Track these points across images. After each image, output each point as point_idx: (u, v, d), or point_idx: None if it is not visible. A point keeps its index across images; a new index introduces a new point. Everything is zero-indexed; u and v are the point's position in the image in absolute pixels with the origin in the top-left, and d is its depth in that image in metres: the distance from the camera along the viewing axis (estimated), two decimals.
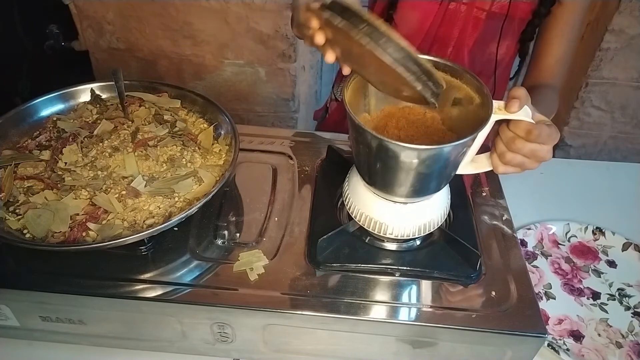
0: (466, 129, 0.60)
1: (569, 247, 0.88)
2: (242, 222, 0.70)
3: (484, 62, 0.91)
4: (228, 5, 1.22)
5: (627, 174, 1.04)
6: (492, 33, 0.86)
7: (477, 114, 0.58)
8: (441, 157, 0.55)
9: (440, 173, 0.59)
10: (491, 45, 0.88)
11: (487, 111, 0.55)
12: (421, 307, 0.61)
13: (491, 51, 0.89)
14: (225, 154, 0.73)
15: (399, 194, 0.60)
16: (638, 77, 1.26)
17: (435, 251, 0.66)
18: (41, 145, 0.71)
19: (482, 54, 0.89)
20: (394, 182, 0.58)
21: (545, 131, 0.55)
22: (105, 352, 0.68)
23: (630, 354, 0.71)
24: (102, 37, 1.31)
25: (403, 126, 0.63)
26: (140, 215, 0.62)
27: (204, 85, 1.39)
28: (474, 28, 0.85)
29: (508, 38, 0.87)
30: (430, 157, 0.54)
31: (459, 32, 0.86)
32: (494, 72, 0.91)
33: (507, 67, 0.94)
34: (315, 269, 0.63)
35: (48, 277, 0.62)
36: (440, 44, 0.88)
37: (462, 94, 0.61)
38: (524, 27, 0.86)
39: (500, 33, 0.85)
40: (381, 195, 0.62)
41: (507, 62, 0.93)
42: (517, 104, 0.54)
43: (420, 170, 0.55)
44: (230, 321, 0.61)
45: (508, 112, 0.55)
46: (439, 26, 0.86)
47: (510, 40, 0.88)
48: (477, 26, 0.85)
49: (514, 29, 0.86)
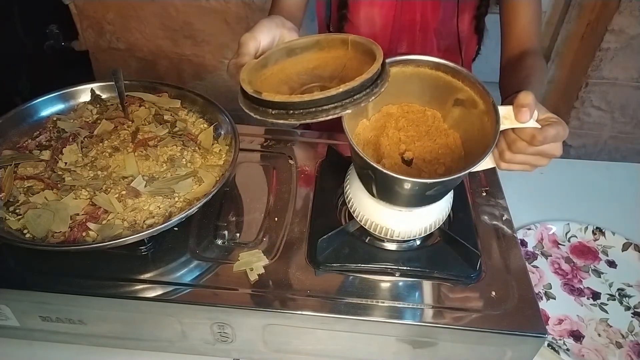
0: (470, 130, 0.59)
1: (569, 247, 0.88)
2: (242, 222, 0.70)
3: (449, 40, 0.91)
4: (228, 5, 1.22)
5: (627, 174, 1.04)
6: (452, 10, 0.87)
7: (481, 119, 0.57)
8: (447, 183, 0.55)
9: (447, 190, 0.59)
10: (453, 21, 0.89)
11: (493, 122, 0.54)
12: (421, 307, 0.61)
13: (454, 27, 0.89)
14: (225, 154, 0.73)
15: (402, 205, 0.60)
16: (638, 77, 1.26)
17: (435, 251, 0.66)
18: (41, 145, 0.71)
19: (447, 32, 0.90)
20: (397, 200, 0.58)
21: (550, 133, 0.53)
22: (105, 352, 0.68)
23: (630, 354, 0.71)
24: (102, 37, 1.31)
25: (403, 126, 0.62)
26: (140, 215, 0.62)
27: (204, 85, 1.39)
28: (433, 9, 0.87)
29: (467, 12, 0.88)
30: (437, 184, 0.54)
31: (420, 16, 0.87)
32: (460, 49, 0.92)
33: (470, 43, 0.94)
34: (315, 269, 0.63)
35: (48, 277, 0.62)
36: (408, 31, 0.89)
37: (464, 96, 0.59)
38: (478, 1, 0.86)
39: (457, 7, 0.86)
40: (385, 205, 0.62)
41: (470, 38, 0.93)
42: (528, 114, 0.52)
43: (426, 193, 0.55)
44: (230, 321, 0.61)
45: (518, 122, 0.53)
46: (402, 14, 0.87)
47: (469, 14, 0.89)
48: (435, 7, 0.86)
49: (471, 3, 0.87)
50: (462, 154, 0.61)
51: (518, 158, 0.57)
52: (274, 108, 0.48)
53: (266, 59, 0.55)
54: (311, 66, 0.57)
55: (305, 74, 0.57)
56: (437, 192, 0.56)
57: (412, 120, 0.63)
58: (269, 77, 0.56)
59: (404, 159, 0.61)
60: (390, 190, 0.57)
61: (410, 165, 0.61)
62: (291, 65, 0.57)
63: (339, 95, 0.47)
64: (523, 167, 0.58)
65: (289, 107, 0.47)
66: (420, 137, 0.62)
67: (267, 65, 0.56)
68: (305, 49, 0.58)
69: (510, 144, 0.56)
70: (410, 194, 0.56)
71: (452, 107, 0.62)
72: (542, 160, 0.57)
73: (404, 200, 0.59)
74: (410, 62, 0.60)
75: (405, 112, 0.64)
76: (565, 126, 0.55)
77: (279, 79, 0.56)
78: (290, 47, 0.57)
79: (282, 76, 0.56)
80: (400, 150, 0.62)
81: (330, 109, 0.47)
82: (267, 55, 0.55)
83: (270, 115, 0.48)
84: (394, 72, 0.59)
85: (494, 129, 0.53)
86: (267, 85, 0.53)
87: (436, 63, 0.60)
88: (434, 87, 0.61)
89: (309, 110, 0.47)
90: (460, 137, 0.61)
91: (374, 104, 0.63)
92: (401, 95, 0.63)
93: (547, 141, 0.53)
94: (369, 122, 0.63)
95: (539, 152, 0.55)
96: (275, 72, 0.56)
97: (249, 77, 0.51)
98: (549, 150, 0.55)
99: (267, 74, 0.56)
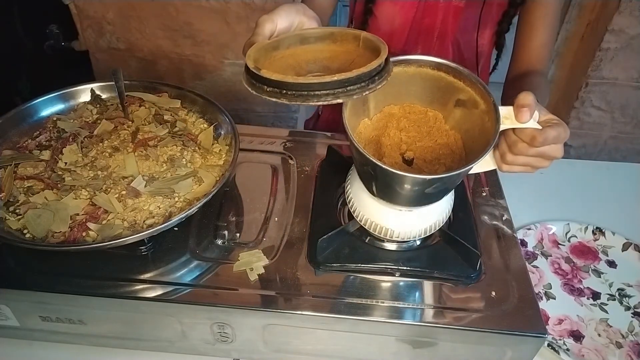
0: (471, 131, 0.59)
1: (569, 247, 0.88)
2: (242, 222, 0.70)
3: (467, 53, 0.91)
4: (228, 5, 1.22)
5: (627, 174, 1.04)
6: (473, 22, 0.87)
7: (482, 119, 0.57)
8: (447, 180, 0.55)
9: (447, 188, 0.59)
10: (473, 35, 0.88)
11: (493, 121, 0.54)
12: (421, 307, 0.61)
13: (474, 41, 0.89)
14: (225, 154, 0.73)
15: (403, 204, 0.60)
16: (638, 77, 1.26)
17: (435, 251, 0.66)
18: (41, 145, 0.71)
19: (465, 44, 0.90)
20: (397, 198, 0.58)
21: (551, 134, 0.53)
22: (105, 352, 0.68)
23: (630, 354, 0.71)
24: (102, 37, 1.31)
25: (404, 127, 0.62)
26: (140, 215, 0.62)
27: (204, 85, 1.39)
28: (454, 17, 0.86)
29: (488, 27, 0.88)
30: (436, 181, 0.54)
31: (440, 22, 0.87)
32: (477, 62, 0.91)
33: (488, 58, 0.94)
34: (315, 269, 0.63)
35: (48, 277, 0.62)
36: (425, 36, 0.89)
37: (465, 96, 0.60)
38: (500, 17, 0.86)
39: (479, 21, 0.86)
40: (385, 204, 0.62)
41: (488, 53, 0.93)
42: (528, 114, 0.52)
43: (425, 191, 0.55)
44: (230, 321, 0.61)
45: (518, 122, 0.53)
46: (422, 18, 0.86)
47: (490, 29, 0.88)
48: (457, 15, 0.85)
49: (493, 17, 0.86)
50: (463, 154, 0.61)
51: (519, 160, 0.57)
52: (269, 85, 0.49)
53: (279, 42, 0.57)
54: (321, 57, 0.58)
55: (314, 63, 0.58)
56: (436, 190, 0.56)
57: (413, 120, 0.63)
58: (278, 59, 0.57)
59: (404, 158, 0.61)
60: (390, 188, 0.57)
61: (411, 165, 0.61)
62: (302, 53, 0.58)
63: (332, 83, 0.48)
64: (524, 169, 0.58)
65: (283, 86, 0.49)
66: (422, 137, 0.62)
67: (279, 48, 0.57)
68: (318, 39, 0.59)
69: (511, 145, 0.56)
70: (410, 191, 0.56)
71: (453, 108, 0.62)
72: (543, 162, 0.57)
73: (404, 199, 0.59)
74: (412, 62, 0.60)
75: (407, 112, 0.64)
76: (566, 128, 0.55)
77: (288, 64, 0.57)
78: (305, 35, 0.58)
79: (291, 61, 0.58)
80: (401, 150, 0.62)
81: (322, 95, 0.48)
82: (280, 39, 0.57)
83: (265, 92, 0.50)
84: (397, 71, 0.59)
85: (494, 128, 0.53)
86: (274, 67, 0.54)
87: (438, 63, 0.60)
88: (436, 88, 0.61)
89: (301, 93, 0.48)
90: (461, 138, 0.61)
91: (375, 103, 0.63)
92: (403, 95, 0.63)
93: (547, 142, 0.53)
94: (371, 121, 0.63)
95: (540, 153, 0.55)
96: (286, 56, 0.58)
97: (256, 55, 0.53)
98: (550, 152, 0.55)
99: (277, 56, 0.57)
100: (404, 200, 0.59)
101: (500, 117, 0.54)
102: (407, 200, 0.59)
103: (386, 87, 0.62)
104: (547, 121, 0.55)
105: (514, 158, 0.57)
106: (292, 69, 0.57)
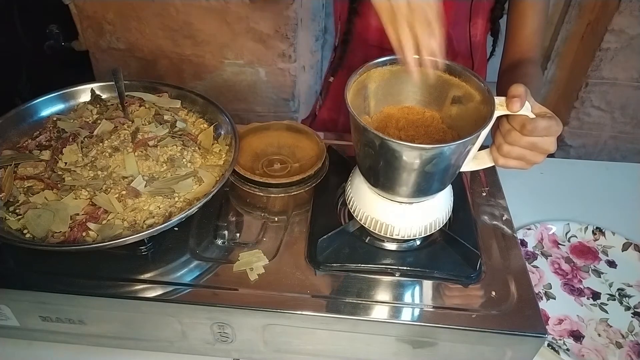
0: (467, 126, 0.60)
1: (569, 247, 0.88)
2: (242, 222, 0.70)
3: (461, 44, 0.91)
4: (228, 5, 1.22)
5: (627, 174, 1.04)
6: (464, 13, 0.87)
7: (478, 111, 0.58)
8: (445, 156, 0.55)
9: (445, 172, 0.59)
10: (465, 27, 0.89)
11: (489, 108, 0.55)
12: (421, 307, 0.61)
13: (466, 32, 0.89)
14: (225, 154, 0.73)
15: (403, 194, 0.60)
16: (638, 77, 1.26)
17: (435, 251, 0.66)
18: (41, 145, 0.71)
19: (458, 36, 0.90)
20: (399, 182, 0.58)
21: (541, 124, 0.55)
22: (105, 352, 0.68)
23: (630, 354, 0.71)
24: (102, 37, 1.31)
25: (403, 126, 0.63)
26: (140, 215, 0.62)
27: (204, 85, 1.39)
28: (446, 10, 0.86)
29: (480, 16, 0.88)
30: (435, 156, 0.54)
31: None
32: (471, 53, 0.92)
33: (483, 47, 0.95)
34: (315, 269, 0.63)
35: (48, 277, 0.62)
36: None
37: (461, 92, 0.61)
38: (493, 4, 0.86)
39: (470, 11, 0.86)
40: (385, 196, 0.62)
41: (482, 42, 0.93)
42: (519, 103, 0.54)
43: (424, 169, 0.55)
44: (230, 321, 0.61)
45: (510, 111, 0.55)
46: None
47: (482, 18, 0.89)
48: (449, 7, 0.85)
49: (485, 6, 0.87)
50: None
51: (514, 152, 0.58)
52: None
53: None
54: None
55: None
56: (437, 168, 0.56)
57: (412, 121, 0.64)
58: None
59: None
60: (391, 168, 0.57)
61: None
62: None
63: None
64: (519, 163, 0.60)
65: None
66: (420, 136, 0.63)
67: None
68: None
69: (505, 134, 0.58)
70: (410, 170, 0.56)
71: (450, 106, 0.62)
72: (537, 155, 0.58)
73: (404, 184, 0.58)
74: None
75: (405, 113, 0.65)
76: (559, 122, 0.56)
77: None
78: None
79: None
80: None
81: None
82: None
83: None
84: (394, 70, 0.61)
85: (490, 110, 0.55)
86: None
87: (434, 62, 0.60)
88: (433, 86, 0.62)
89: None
90: (458, 136, 0.62)
91: (375, 104, 0.64)
92: (401, 94, 0.64)
93: (537, 130, 0.55)
94: (371, 119, 0.64)
95: (532, 144, 0.57)
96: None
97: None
98: (543, 145, 0.57)
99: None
100: (404, 185, 0.59)
101: (496, 104, 0.55)
102: (408, 186, 0.59)
103: (386, 87, 0.63)
104: (539, 114, 0.57)
105: (509, 149, 0.58)
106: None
